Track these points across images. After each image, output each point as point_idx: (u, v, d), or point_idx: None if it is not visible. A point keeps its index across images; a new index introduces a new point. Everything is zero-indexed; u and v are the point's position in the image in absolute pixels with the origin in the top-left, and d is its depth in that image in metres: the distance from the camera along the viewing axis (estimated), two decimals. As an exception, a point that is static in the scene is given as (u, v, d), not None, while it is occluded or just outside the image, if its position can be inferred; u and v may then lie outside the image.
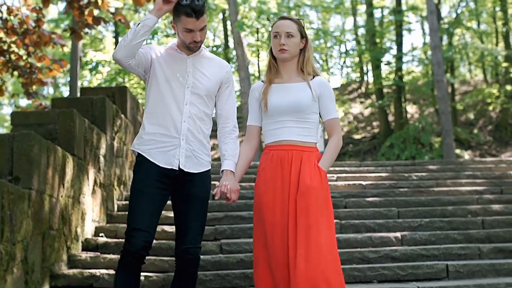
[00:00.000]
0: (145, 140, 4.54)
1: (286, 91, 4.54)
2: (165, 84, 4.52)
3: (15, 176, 5.68)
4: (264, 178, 4.49)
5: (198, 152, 4.56)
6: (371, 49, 28.63)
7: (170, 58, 4.59)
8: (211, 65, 4.67)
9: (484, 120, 28.68)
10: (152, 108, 4.55)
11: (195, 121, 4.53)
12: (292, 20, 4.60)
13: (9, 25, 9.64)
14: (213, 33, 36.87)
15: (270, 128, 4.57)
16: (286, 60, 4.58)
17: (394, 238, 7.71)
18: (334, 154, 4.55)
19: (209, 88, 4.60)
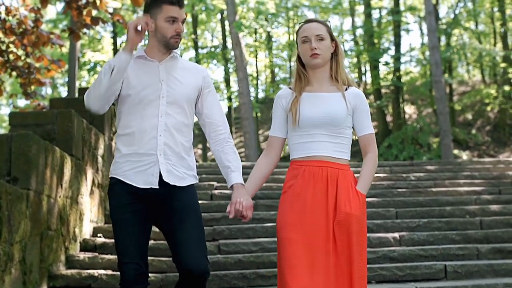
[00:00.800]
0: (120, 163, 4.07)
1: (319, 101, 4.06)
2: (136, 98, 4.03)
3: (13, 177, 5.67)
4: (291, 195, 3.97)
5: (178, 167, 4.06)
6: (369, 50, 28.64)
7: (140, 68, 4.10)
8: (186, 70, 4.19)
9: (482, 121, 28.70)
10: (125, 128, 4.08)
11: (172, 133, 4.05)
12: (320, 22, 4.17)
13: (7, 25, 9.63)
14: (211, 34, 36.87)
15: (300, 141, 4.06)
16: (318, 66, 4.10)
17: (392, 239, 7.71)
18: (373, 173, 4.10)
19: (186, 95, 4.11)
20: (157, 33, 4.05)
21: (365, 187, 4.02)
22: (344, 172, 3.98)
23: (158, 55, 4.12)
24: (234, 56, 23.77)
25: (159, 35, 4.04)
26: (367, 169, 4.07)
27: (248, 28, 26.40)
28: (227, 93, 31.21)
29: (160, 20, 4.02)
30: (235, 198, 4.03)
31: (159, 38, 4.06)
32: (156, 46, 4.10)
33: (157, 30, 4.04)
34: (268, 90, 35.15)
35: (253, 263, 7.02)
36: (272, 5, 27.08)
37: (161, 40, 4.06)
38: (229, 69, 31.10)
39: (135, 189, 4.00)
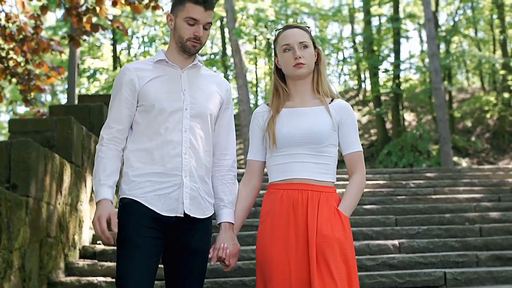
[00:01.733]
0: (137, 183, 3.52)
1: (299, 117, 3.64)
2: (156, 109, 3.55)
3: (12, 184, 5.67)
4: (271, 225, 3.58)
5: (203, 192, 3.61)
6: (369, 57, 28.65)
7: (159, 74, 3.65)
8: (210, 80, 3.75)
9: (482, 128, 28.69)
10: (142, 142, 3.57)
11: (197, 152, 3.59)
12: (301, 28, 3.77)
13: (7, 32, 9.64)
14: (211, 41, 36.89)
15: (278, 162, 3.66)
16: (303, 76, 3.70)
17: (392, 246, 7.71)
18: (358, 195, 3.67)
19: (211, 109, 3.67)
20: (175, 33, 3.64)
21: (348, 208, 3.59)
22: (327, 195, 3.57)
23: (180, 59, 3.68)
24: (233, 63, 23.79)
25: (177, 35, 3.63)
26: (351, 189, 3.65)
27: (247, 35, 26.41)
28: (227, 100, 31.16)
29: (180, 18, 3.61)
30: (220, 242, 3.63)
31: (176, 39, 3.64)
32: (175, 48, 3.69)
33: (175, 29, 3.64)
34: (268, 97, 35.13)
35: (252, 270, 7.01)
36: (272, 12, 27.09)
37: (177, 41, 3.64)
38: (229, 76, 31.13)
39: (156, 214, 3.49)
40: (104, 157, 3.55)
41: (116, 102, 3.62)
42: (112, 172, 3.53)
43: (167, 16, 3.71)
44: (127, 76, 3.61)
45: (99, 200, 3.46)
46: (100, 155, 3.57)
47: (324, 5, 35.28)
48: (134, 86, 3.58)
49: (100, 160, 3.56)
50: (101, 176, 3.50)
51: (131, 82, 3.59)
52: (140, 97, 3.59)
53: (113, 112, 3.62)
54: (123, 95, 3.59)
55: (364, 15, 29.93)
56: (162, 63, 3.67)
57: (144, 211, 3.48)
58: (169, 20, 3.68)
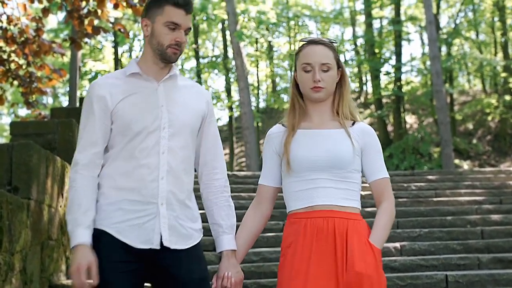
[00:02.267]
0: (108, 212, 3.16)
1: (319, 139, 3.31)
2: (131, 130, 3.18)
3: (14, 186, 5.67)
4: (292, 258, 3.20)
5: (184, 220, 3.24)
6: (370, 59, 28.68)
7: (133, 91, 3.24)
8: (189, 92, 3.37)
9: (483, 130, 28.69)
10: (115, 167, 3.21)
11: (177, 175, 3.22)
12: (327, 46, 3.37)
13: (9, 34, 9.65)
14: (213, 43, 36.92)
15: (297, 189, 3.28)
16: (321, 99, 3.35)
17: (393, 248, 7.70)
18: (389, 226, 3.33)
19: (191, 125, 3.30)
20: (153, 39, 3.25)
21: (380, 241, 3.24)
22: (355, 223, 3.23)
23: (154, 70, 3.30)
24: (235, 66, 23.82)
25: (155, 42, 3.24)
26: (382, 219, 3.31)
27: (249, 37, 26.47)
28: (228, 103, 31.24)
29: (159, 23, 3.23)
30: (224, 271, 3.31)
31: (154, 46, 3.25)
32: (151, 57, 3.30)
33: (153, 35, 3.26)
34: (269, 99, 35.18)
35: (254, 273, 7.00)
36: (273, 15, 27.13)
37: (156, 48, 3.25)
38: (230, 79, 31.14)
39: (129, 248, 3.13)
40: (79, 188, 3.17)
41: (89, 122, 3.24)
42: (89, 207, 3.15)
43: (142, 21, 3.31)
44: (99, 93, 3.23)
45: (76, 246, 3.07)
46: (75, 185, 3.19)
47: (325, 8, 35.37)
48: (106, 105, 3.20)
49: (74, 192, 3.18)
50: (77, 213, 3.13)
51: (103, 100, 3.21)
52: (113, 117, 3.21)
53: (87, 133, 3.23)
54: (96, 115, 3.21)
55: (366, 17, 29.98)
56: (135, 76, 3.27)
57: (115, 243, 3.12)
58: (144, 25, 3.29)
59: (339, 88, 3.41)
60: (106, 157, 3.25)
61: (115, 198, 3.17)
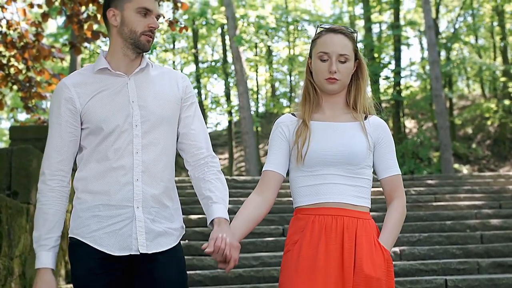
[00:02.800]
0: (84, 220, 3.02)
1: (332, 132, 3.14)
2: (101, 131, 3.00)
3: (13, 191, 5.67)
4: (297, 254, 3.05)
5: (160, 221, 3.05)
6: (370, 64, 28.64)
7: (102, 88, 3.06)
8: (163, 81, 3.16)
9: (483, 135, 28.69)
10: (89, 169, 3.03)
11: (153, 175, 3.04)
12: (346, 35, 3.20)
13: (8, 39, 9.64)
14: (212, 48, 36.92)
15: (306, 184, 3.12)
16: (336, 91, 3.20)
17: (393, 253, 7.70)
18: (400, 225, 3.17)
19: (166, 116, 3.09)
20: (124, 28, 3.05)
21: (390, 241, 3.12)
22: (365, 222, 3.08)
23: (125, 62, 3.10)
24: (234, 71, 23.82)
25: (126, 30, 3.05)
26: (393, 218, 3.15)
27: (248, 42, 26.48)
28: (228, 107, 31.25)
29: (129, 10, 3.04)
30: (216, 233, 2.95)
31: (125, 35, 3.06)
32: (121, 48, 3.09)
33: (123, 24, 3.06)
34: (269, 104, 35.15)
35: (253, 278, 7.00)
36: (273, 20, 27.15)
37: (128, 37, 3.05)
38: (230, 83, 31.13)
39: (107, 256, 2.98)
40: (46, 203, 3.06)
41: (55, 127, 3.06)
42: (54, 225, 3.03)
43: (108, 12, 3.09)
44: (65, 94, 3.04)
45: (39, 269, 2.99)
46: (41, 199, 3.08)
47: (325, 12, 35.37)
48: (74, 105, 3.03)
49: (40, 207, 3.06)
50: (41, 231, 3.01)
51: (71, 101, 3.03)
52: (83, 118, 3.03)
53: (53, 140, 3.06)
54: (63, 118, 3.03)
55: (365, 22, 29.99)
56: (104, 72, 3.07)
57: (93, 253, 2.97)
58: (112, 15, 3.08)
59: (355, 80, 3.27)
60: (79, 159, 3.10)
61: (89, 203, 3.01)
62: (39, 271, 2.98)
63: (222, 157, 31.76)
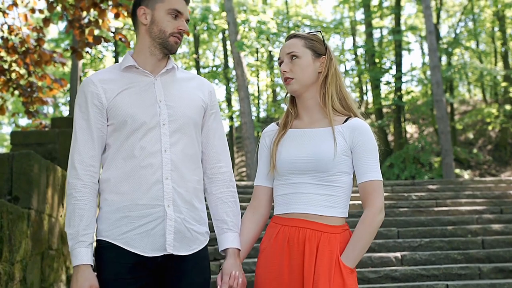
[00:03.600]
0: (114, 221, 2.97)
1: (303, 140, 3.08)
2: (128, 127, 2.98)
3: (14, 196, 5.67)
4: (264, 262, 3.10)
5: (190, 222, 3.02)
6: (371, 69, 28.71)
7: (129, 85, 3.05)
8: (190, 84, 3.17)
9: (484, 140, 28.70)
10: (115, 168, 3.00)
11: (182, 174, 3.01)
12: (298, 36, 3.19)
13: (10, 44, 9.66)
14: (213, 53, 36.98)
15: (280, 192, 3.10)
16: (296, 92, 3.12)
17: (394, 258, 7.69)
18: (366, 238, 2.95)
19: (193, 118, 3.08)
20: (153, 27, 3.07)
21: (353, 257, 2.94)
22: (329, 236, 2.96)
23: (152, 62, 3.10)
24: (235, 76, 23.84)
25: (156, 29, 3.06)
26: (357, 231, 2.97)
27: (249, 47, 26.46)
28: (229, 113, 31.27)
29: (160, 10, 3.06)
30: (230, 269, 3.06)
31: (154, 34, 3.07)
32: (148, 48, 3.10)
33: (153, 23, 3.07)
34: (270, 109, 35.21)
35: (253, 284, 6.99)
36: (274, 25, 27.15)
37: (157, 36, 3.07)
38: (231, 89, 31.19)
39: (139, 258, 2.94)
40: (80, 198, 2.98)
41: (83, 122, 3.03)
42: (90, 221, 2.96)
43: (139, 9, 3.10)
44: (92, 90, 3.03)
45: (78, 266, 2.90)
46: (75, 195, 2.98)
47: (326, 18, 35.42)
48: (101, 101, 3.01)
49: (75, 202, 2.98)
50: (79, 227, 2.94)
51: (97, 97, 3.01)
52: (109, 114, 3.01)
53: (82, 135, 3.02)
54: (91, 114, 3.01)
55: (366, 27, 30.04)
56: (131, 70, 3.08)
57: (124, 256, 2.93)
58: (142, 14, 3.09)
59: (324, 79, 3.14)
60: (103, 159, 3.05)
61: (118, 203, 2.96)
62: (79, 268, 2.89)
63: (223, 162, 31.77)
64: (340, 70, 3.23)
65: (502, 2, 27.46)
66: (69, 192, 3.00)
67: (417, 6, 31.45)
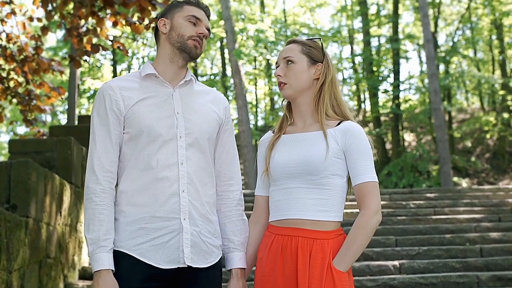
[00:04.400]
0: (130, 233, 2.95)
1: (296, 144, 3.07)
2: (144, 137, 2.97)
3: (12, 204, 5.66)
4: (261, 271, 3.06)
5: (206, 235, 3.02)
6: (368, 77, 28.74)
7: (148, 95, 3.04)
8: (206, 98, 3.16)
9: (482, 148, 28.70)
10: (131, 180, 2.99)
11: (197, 188, 3.00)
12: (296, 42, 3.18)
13: (8, 52, 9.66)
14: (211, 62, 37.03)
15: (275, 199, 3.08)
16: (290, 97, 3.13)
17: (392, 267, 7.68)
18: (360, 241, 2.90)
19: (208, 133, 3.08)
20: (172, 33, 3.07)
21: (345, 261, 2.90)
22: (322, 243, 2.93)
23: (172, 70, 3.09)
24: (233, 84, 23.85)
25: (174, 34, 3.06)
26: (351, 234, 2.92)
27: (247, 56, 26.51)
28: (227, 121, 31.30)
29: (178, 17, 3.08)
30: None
31: (173, 39, 3.07)
32: (168, 55, 3.10)
33: (172, 29, 3.08)
34: (268, 117, 35.21)
35: (252, 291, 6.99)
36: (272, 33, 27.22)
37: (175, 41, 3.06)
38: (229, 97, 31.21)
39: (153, 269, 2.93)
40: (100, 203, 2.96)
41: (102, 128, 3.02)
42: (111, 227, 2.95)
43: (160, 22, 3.13)
44: (110, 95, 3.02)
45: (99, 271, 2.88)
46: (95, 199, 2.96)
47: (323, 26, 35.45)
48: (119, 108, 2.99)
49: (95, 207, 2.95)
50: (99, 232, 2.92)
51: (116, 103, 3.00)
52: (126, 122, 3.00)
53: (101, 141, 3.02)
54: (110, 120, 3.00)
55: (364, 35, 30.08)
56: (151, 79, 3.07)
57: (138, 267, 2.92)
58: (163, 25, 3.11)
59: (318, 85, 3.12)
60: (119, 168, 3.04)
61: (134, 215, 2.94)
62: (100, 273, 2.87)
63: (221, 171, 31.75)
64: (338, 78, 3.22)
65: (500, 10, 27.54)
66: (88, 196, 2.98)
67: (414, 14, 31.50)
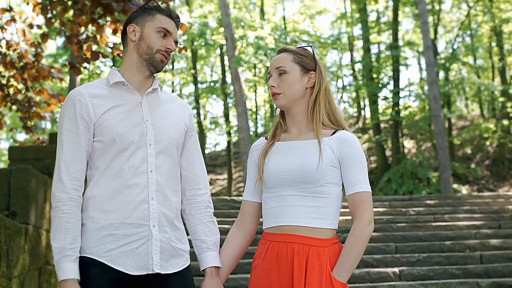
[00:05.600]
0: (99, 239, 2.93)
1: (290, 152, 3.07)
2: (116, 145, 2.97)
3: (12, 211, 5.66)
4: (256, 279, 3.06)
5: (174, 241, 3.06)
6: (368, 84, 28.74)
7: (117, 103, 3.04)
8: (172, 105, 3.20)
9: (482, 155, 28.69)
10: (101, 186, 2.97)
11: (165, 195, 3.03)
12: (288, 51, 3.18)
13: (8, 59, 9.67)
14: (211, 69, 37.03)
15: (268, 206, 3.08)
16: (284, 107, 3.13)
17: (392, 273, 7.68)
18: (356, 251, 2.94)
19: (176, 140, 3.11)
20: (141, 43, 3.09)
21: (344, 272, 2.91)
22: (318, 250, 2.93)
23: (138, 79, 3.11)
24: (233, 91, 23.86)
25: (144, 45, 3.08)
26: (347, 245, 2.95)
27: (247, 63, 26.51)
28: (227, 128, 31.31)
29: (149, 28, 3.09)
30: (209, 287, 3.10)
31: (142, 50, 3.09)
32: (135, 64, 3.12)
33: (141, 39, 3.10)
34: (267, 124, 35.19)
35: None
36: (271, 40, 27.22)
37: (144, 52, 3.09)
38: (229, 104, 31.20)
39: (123, 275, 2.92)
40: (67, 211, 2.93)
41: (71, 134, 2.98)
42: (77, 236, 2.92)
43: (129, 27, 3.12)
44: (81, 102, 3.00)
45: (65, 280, 2.85)
46: (62, 208, 2.92)
47: (323, 33, 35.45)
48: (89, 116, 2.98)
49: (61, 215, 2.92)
50: (65, 242, 2.89)
51: (86, 110, 2.99)
52: (96, 130, 2.98)
53: (69, 148, 2.98)
54: (79, 127, 2.98)
55: (363, 42, 30.08)
56: (119, 87, 3.07)
57: (108, 273, 2.90)
58: (132, 31, 3.11)
59: (312, 94, 3.13)
60: (89, 176, 3.03)
61: (103, 221, 2.94)
62: (66, 282, 2.85)
63: (221, 178, 31.73)
64: (330, 85, 3.23)
65: (500, 17, 27.57)
66: (55, 205, 2.95)
67: (414, 21, 31.52)
